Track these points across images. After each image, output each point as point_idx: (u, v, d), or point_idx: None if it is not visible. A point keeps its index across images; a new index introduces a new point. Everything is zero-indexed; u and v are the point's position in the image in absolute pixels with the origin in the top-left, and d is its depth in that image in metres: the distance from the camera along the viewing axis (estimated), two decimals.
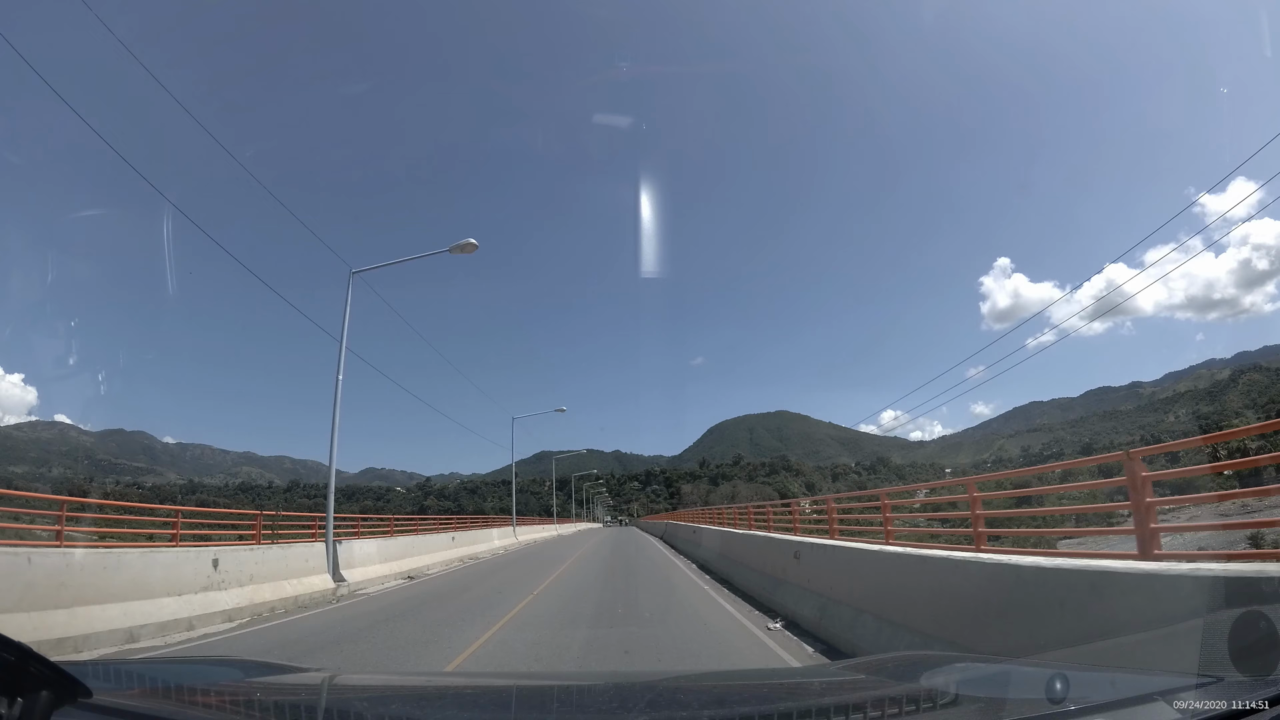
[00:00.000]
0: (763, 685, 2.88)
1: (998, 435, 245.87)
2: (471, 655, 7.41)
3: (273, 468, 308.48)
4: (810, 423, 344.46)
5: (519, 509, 46.44)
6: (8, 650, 1.15)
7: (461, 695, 2.50)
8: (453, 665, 7.08)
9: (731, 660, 6.96)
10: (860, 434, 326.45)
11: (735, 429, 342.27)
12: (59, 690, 1.24)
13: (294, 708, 1.92)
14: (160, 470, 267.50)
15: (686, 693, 2.40)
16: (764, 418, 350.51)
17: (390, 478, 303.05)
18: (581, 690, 2.55)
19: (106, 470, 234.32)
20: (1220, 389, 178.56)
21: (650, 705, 2.14)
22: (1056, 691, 1.58)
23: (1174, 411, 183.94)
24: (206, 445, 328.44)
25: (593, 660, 7.08)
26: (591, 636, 8.27)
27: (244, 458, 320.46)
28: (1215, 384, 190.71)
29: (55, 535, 10.85)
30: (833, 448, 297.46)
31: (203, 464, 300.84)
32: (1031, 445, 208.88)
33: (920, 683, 2.10)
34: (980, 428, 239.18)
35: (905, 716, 1.75)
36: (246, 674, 2.54)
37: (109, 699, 1.59)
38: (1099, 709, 1.57)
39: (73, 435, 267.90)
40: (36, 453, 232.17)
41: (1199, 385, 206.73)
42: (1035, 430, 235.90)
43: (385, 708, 2.16)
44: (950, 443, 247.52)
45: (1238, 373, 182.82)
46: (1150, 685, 1.69)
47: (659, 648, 7.62)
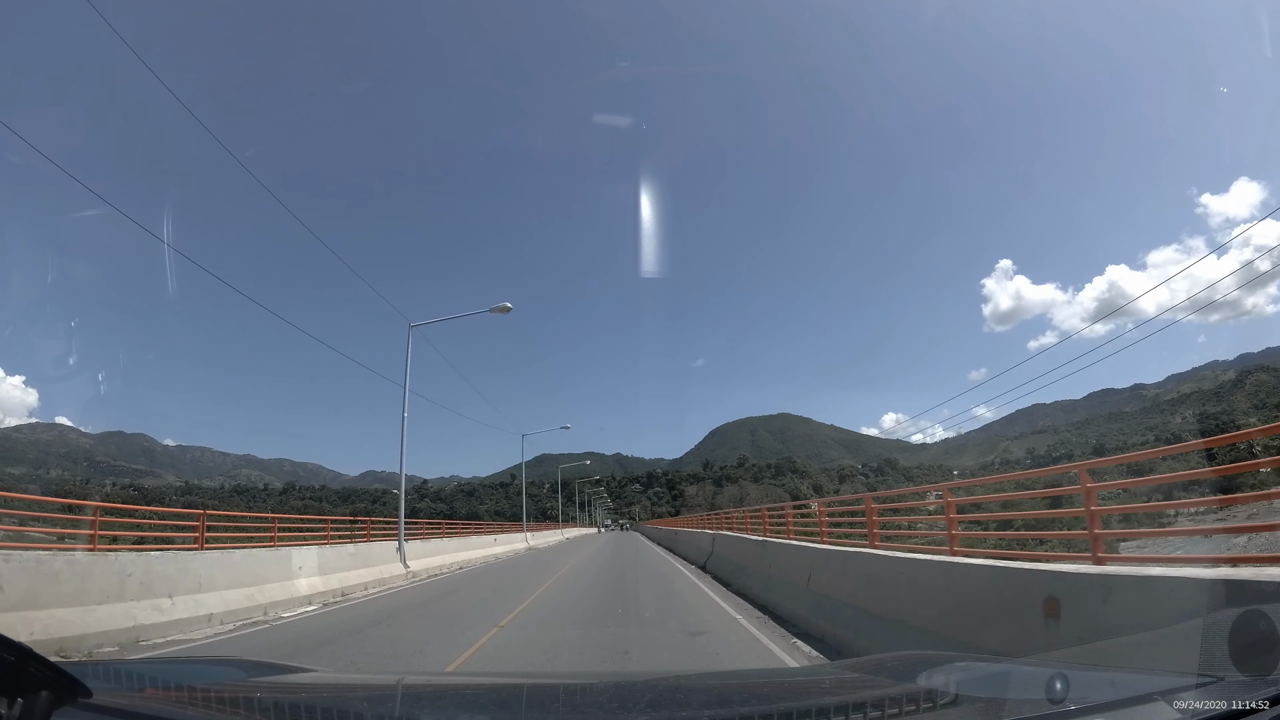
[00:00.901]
0: (763, 685, 2.88)
1: (1001, 437, 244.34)
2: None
3: (272, 470, 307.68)
4: (812, 425, 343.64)
5: (515, 512, 49.86)
6: (8, 650, 1.15)
7: (462, 695, 2.50)
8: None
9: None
10: (862, 436, 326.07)
11: (737, 431, 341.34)
12: (59, 690, 1.24)
13: (294, 708, 1.92)
14: (159, 472, 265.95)
15: (687, 692, 2.40)
16: (766, 420, 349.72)
17: (391, 480, 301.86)
18: (583, 689, 2.55)
19: (105, 472, 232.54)
20: (1227, 390, 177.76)
21: (651, 705, 2.14)
22: (1056, 691, 1.59)
23: (1180, 412, 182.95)
24: (207, 448, 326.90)
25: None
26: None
27: (244, 460, 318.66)
28: (1222, 385, 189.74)
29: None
30: (835, 450, 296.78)
31: (202, 466, 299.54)
32: (1037, 447, 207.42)
33: (920, 683, 2.10)
34: (983, 430, 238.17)
35: (905, 716, 1.75)
36: (246, 674, 2.55)
37: (109, 699, 1.59)
38: (1099, 709, 1.57)
39: (72, 437, 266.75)
40: (35, 454, 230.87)
41: (1203, 387, 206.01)
42: (1040, 432, 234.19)
43: (385, 708, 2.16)
44: (953, 445, 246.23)
45: (1244, 374, 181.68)
46: (1150, 685, 1.69)
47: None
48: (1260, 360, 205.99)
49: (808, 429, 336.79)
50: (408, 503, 22.65)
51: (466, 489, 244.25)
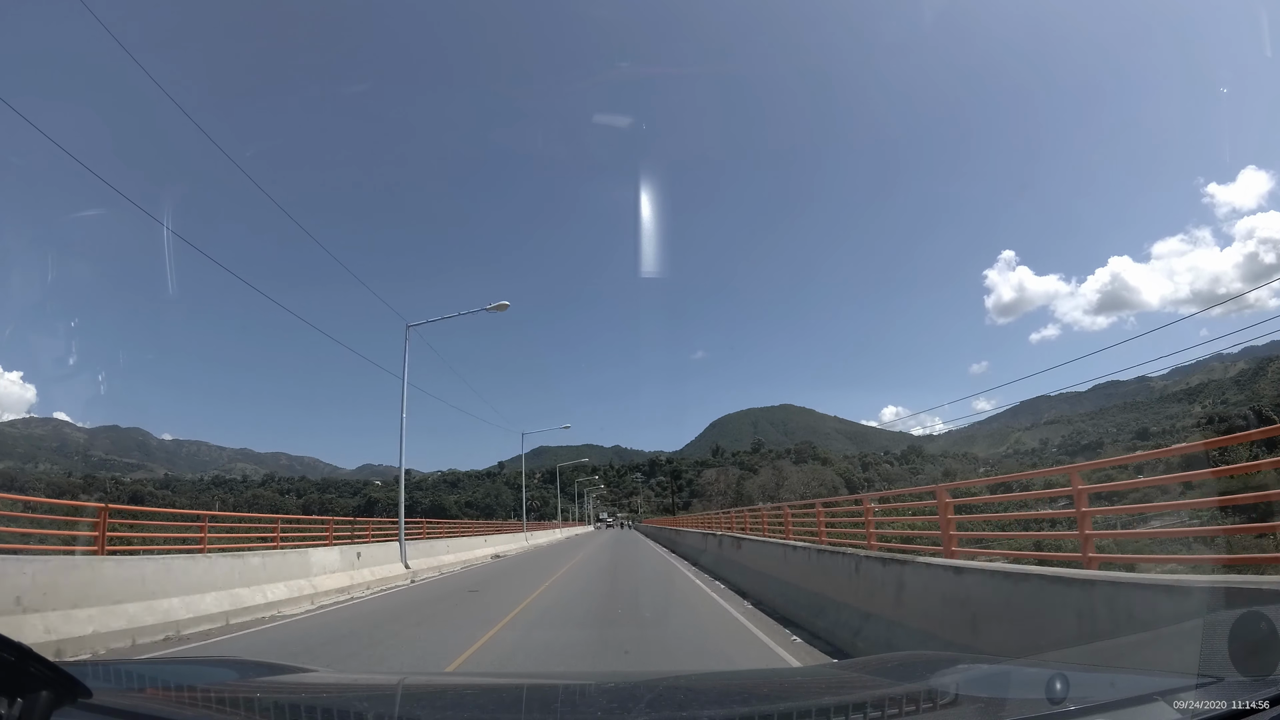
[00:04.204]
0: (763, 685, 2.87)
1: (1011, 428, 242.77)
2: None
3: (268, 464, 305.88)
4: (815, 416, 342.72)
5: (504, 505, 49.37)
6: (8, 650, 1.15)
7: (462, 695, 2.50)
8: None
9: None
10: (866, 428, 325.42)
11: (739, 423, 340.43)
12: (59, 690, 1.24)
13: (294, 708, 1.93)
14: (151, 466, 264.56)
15: (687, 693, 2.40)
16: (768, 411, 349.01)
17: (385, 474, 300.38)
18: (583, 690, 2.55)
19: (97, 466, 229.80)
20: (1247, 378, 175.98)
21: (651, 705, 2.15)
22: (1056, 691, 1.58)
23: (1200, 401, 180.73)
24: (203, 442, 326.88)
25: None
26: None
27: (240, 454, 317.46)
28: (1242, 374, 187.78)
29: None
30: (839, 441, 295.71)
31: (197, 460, 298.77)
32: (1050, 438, 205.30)
33: (920, 683, 2.10)
34: (988, 421, 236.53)
35: (905, 716, 1.75)
36: (246, 674, 2.56)
37: (109, 699, 1.59)
38: (1099, 709, 1.57)
39: (66, 431, 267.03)
40: (25, 448, 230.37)
41: (1212, 378, 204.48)
42: (1052, 423, 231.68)
43: (385, 708, 2.16)
44: (962, 435, 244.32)
45: (1264, 362, 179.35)
46: (1150, 685, 1.69)
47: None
48: (1265, 354, 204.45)
49: (811, 420, 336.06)
50: (393, 494, 22.76)
51: (450, 479, 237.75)
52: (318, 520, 21.36)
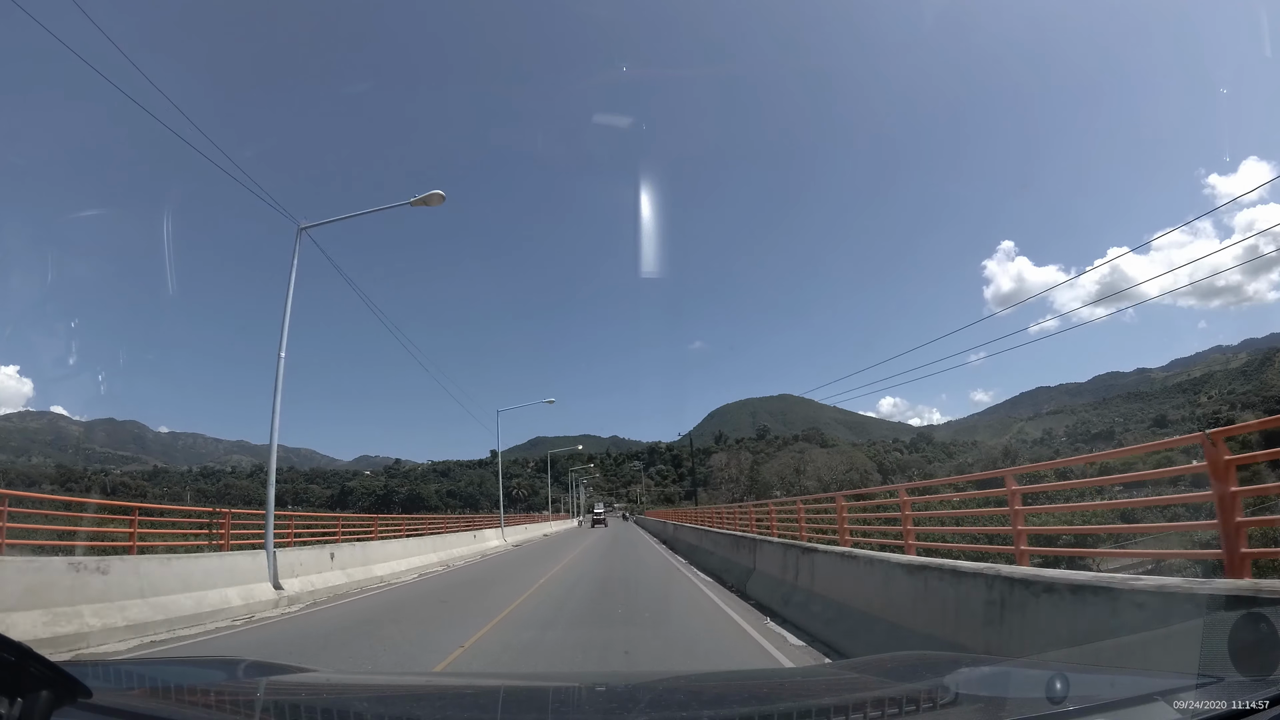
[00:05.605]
0: (763, 685, 2.87)
1: (1013, 419, 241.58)
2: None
3: (265, 456, 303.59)
4: (814, 406, 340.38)
5: (489, 495, 44.14)
6: (8, 650, 1.14)
7: (462, 695, 2.50)
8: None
9: None
10: (866, 418, 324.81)
11: (737, 413, 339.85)
12: (59, 690, 1.24)
13: (294, 708, 1.93)
14: (146, 459, 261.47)
15: (686, 693, 2.40)
16: (767, 401, 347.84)
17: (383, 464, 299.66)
18: (582, 690, 2.55)
19: (92, 459, 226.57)
20: (1255, 369, 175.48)
21: (650, 705, 2.15)
22: (1056, 691, 1.58)
23: (1206, 392, 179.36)
24: (200, 434, 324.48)
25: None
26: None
27: (236, 446, 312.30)
28: (1248, 364, 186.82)
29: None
30: (840, 431, 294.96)
31: (194, 453, 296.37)
32: (1054, 429, 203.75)
33: (920, 683, 2.10)
34: (988, 412, 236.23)
35: (905, 716, 1.75)
36: (246, 674, 2.56)
37: (109, 699, 1.59)
38: (1099, 709, 1.57)
39: (62, 425, 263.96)
40: (19, 442, 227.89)
41: (1213, 369, 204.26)
42: (1055, 413, 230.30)
43: (385, 708, 2.16)
44: (964, 425, 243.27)
45: (1271, 352, 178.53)
46: (1150, 685, 1.69)
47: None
48: (1265, 345, 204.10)
49: (810, 410, 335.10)
50: (375, 483, 20.44)
51: (440, 469, 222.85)
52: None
